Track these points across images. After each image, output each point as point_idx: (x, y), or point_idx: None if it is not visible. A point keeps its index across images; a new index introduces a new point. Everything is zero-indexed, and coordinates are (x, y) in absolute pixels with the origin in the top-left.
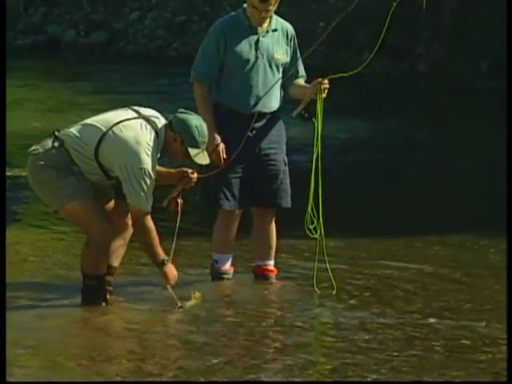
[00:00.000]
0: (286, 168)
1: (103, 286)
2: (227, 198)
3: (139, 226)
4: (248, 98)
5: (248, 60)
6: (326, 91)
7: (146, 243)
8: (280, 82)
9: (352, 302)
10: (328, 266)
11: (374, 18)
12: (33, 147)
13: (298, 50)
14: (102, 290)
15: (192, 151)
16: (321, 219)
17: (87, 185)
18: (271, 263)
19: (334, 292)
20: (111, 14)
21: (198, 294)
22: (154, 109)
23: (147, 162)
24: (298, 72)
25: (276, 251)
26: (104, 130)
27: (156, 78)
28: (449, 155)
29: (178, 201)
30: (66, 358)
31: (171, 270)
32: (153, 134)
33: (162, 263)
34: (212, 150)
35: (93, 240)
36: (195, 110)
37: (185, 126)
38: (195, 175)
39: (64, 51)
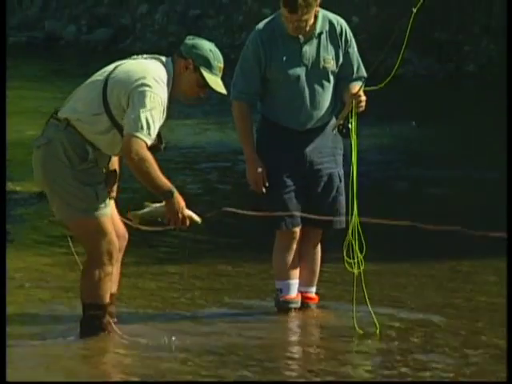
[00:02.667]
0: (342, 184)
1: (106, 317)
2: (284, 217)
3: (135, 160)
4: (296, 116)
5: (292, 74)
6: (363, 104)
7: (147, 174)
8: (332, 90)
9: (397, 342)
10: (370, 308)
11: (417, 9)
12: (36, 141)
13: (352, 48)
14: (105, 321)
15: (208, 76)
16: (359, 255)
17: (105, 198)
18: (313, 290)
19: (377, 331)
20: (116, 8)
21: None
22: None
23: (156, 86)
24: (351, 73)
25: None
26: (103, 78)
27: None
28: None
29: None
30: None
31: (179, 202)
32: (160, 64)
33: (169, 194)
34: (252, 179)
35: (97, 261)
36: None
37: (197, 50)
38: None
39: (63, 49)
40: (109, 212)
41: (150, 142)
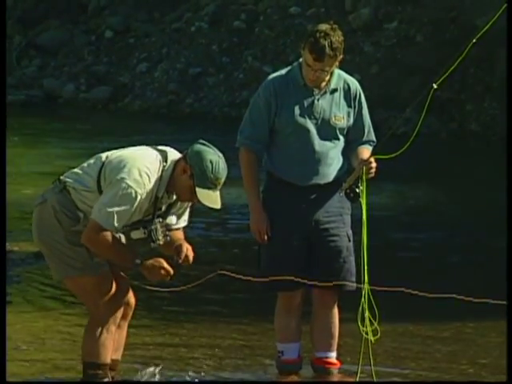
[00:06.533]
0: (351, 244)
1: (107, 378)
2: (284, 280)
3: (94, 241)
4: (302, 170)
5: (302, 124)
6: (373, 170)
7: (110, 252)
8: (341, 148)
9: None
10: (372, 368)
11: (418, 70)
12: (36, 200)
13: (365, 111)
14: (105, 381)
15: (198, 191)
16: (374, 322)
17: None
18: (333, 355)
19: None
20: (116, 66)
21: None
22: None
23: (137, 181)
24: (361, 137)
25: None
26: (104, 159)
27: (167, 138)
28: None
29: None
30: None
31: (153, 265)
32: (159, 163)
33: (136, 266)
34: (255, 228)
35: (99, 320)
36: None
37: (198, 159)
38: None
39: (62, 108)
40: (107, 271)
41: (112, 230)
